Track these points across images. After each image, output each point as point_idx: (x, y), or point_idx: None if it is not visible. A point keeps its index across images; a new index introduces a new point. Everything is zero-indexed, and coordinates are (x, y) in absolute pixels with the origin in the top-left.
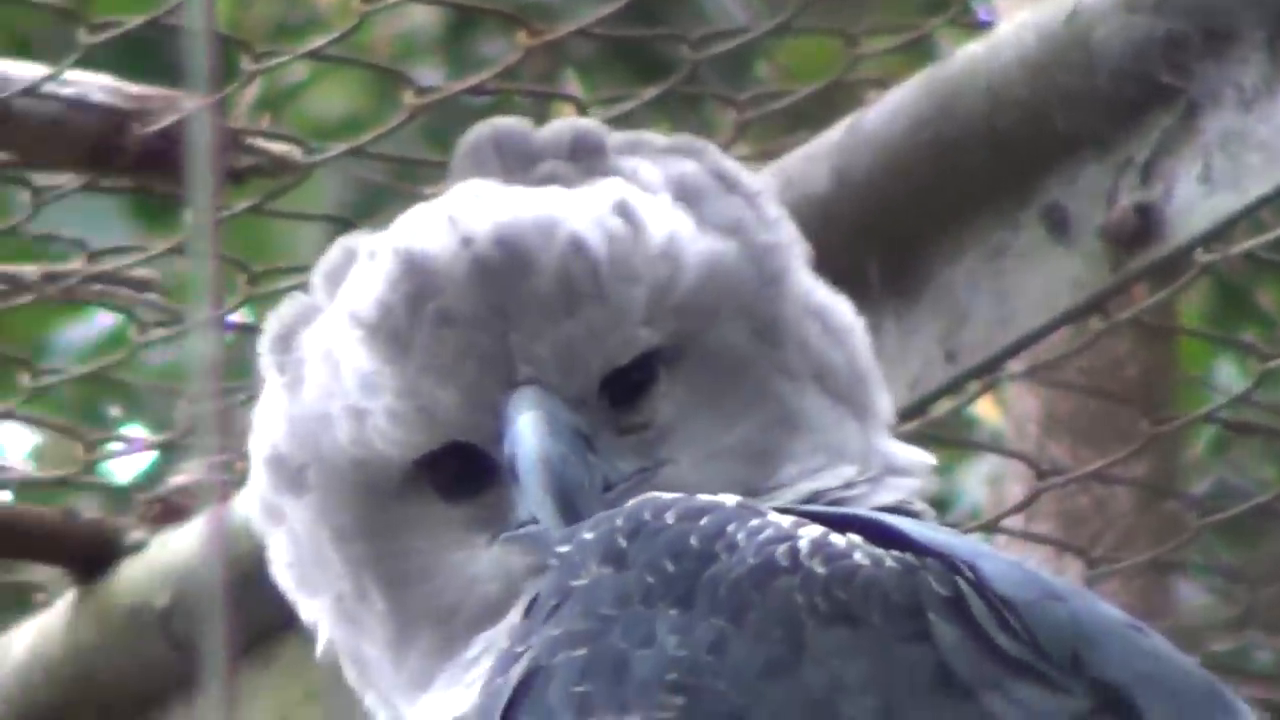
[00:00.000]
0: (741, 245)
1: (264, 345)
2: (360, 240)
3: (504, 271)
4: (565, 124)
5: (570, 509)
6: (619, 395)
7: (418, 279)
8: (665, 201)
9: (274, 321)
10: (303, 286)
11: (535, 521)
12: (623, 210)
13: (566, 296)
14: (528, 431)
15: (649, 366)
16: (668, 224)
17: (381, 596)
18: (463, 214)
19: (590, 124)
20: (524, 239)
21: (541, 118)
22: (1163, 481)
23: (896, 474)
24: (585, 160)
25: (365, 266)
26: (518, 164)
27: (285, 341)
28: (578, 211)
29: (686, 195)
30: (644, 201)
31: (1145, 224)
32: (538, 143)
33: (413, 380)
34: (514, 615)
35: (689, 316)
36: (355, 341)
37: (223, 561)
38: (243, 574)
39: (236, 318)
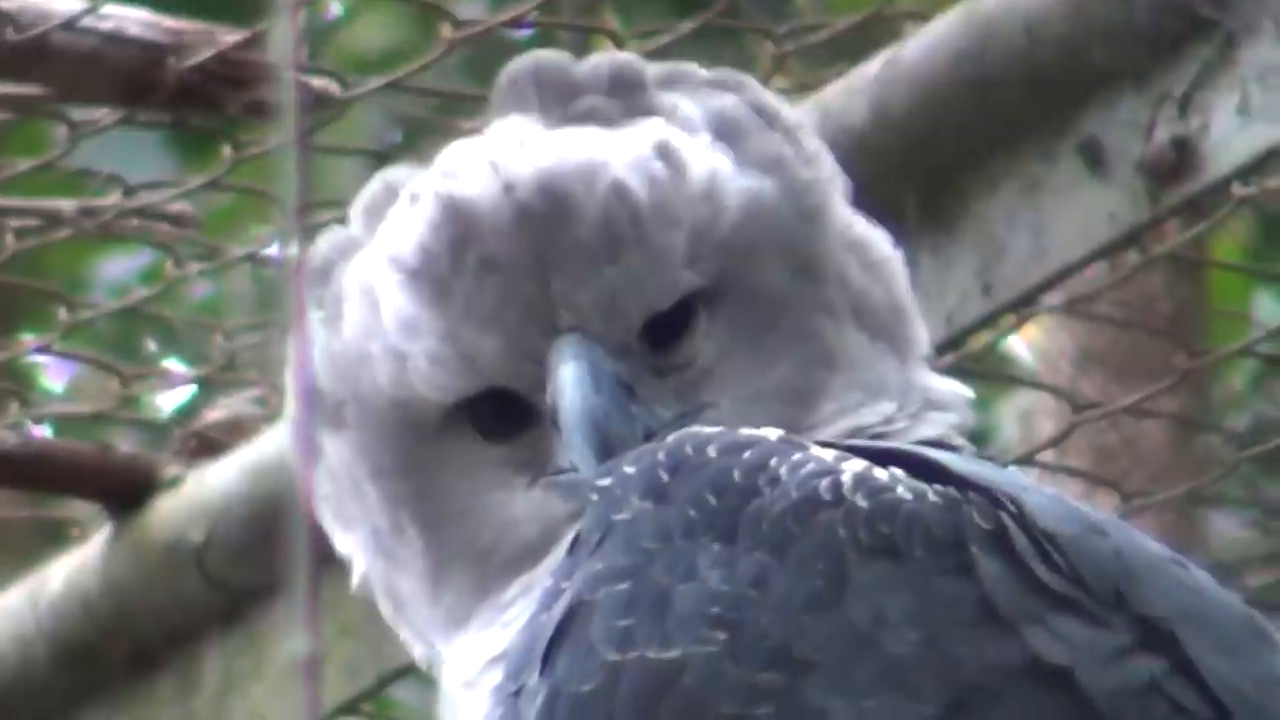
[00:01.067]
0: (781, 182)
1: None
2: (400, 175)
3: (547, 218)
4: (604, 58)
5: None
6: (659, 338)
7: (460, 225)
8: (705, 140)
9: (314, 254)
10: (342, 220)
11: (576, 469)
12: (664, 152)
13: (609, 243)
14: (571, 383)
15: (689, 308)
16: (708, 164)
17: (418, 534)
18: (505, 159)
19: (629, 58)
20: (566, 185)
21: (581, 51)
22: (1196, 417)
23: (935, 409)
24: (625, 95)
25: (407, 209)
26: (557, 99)
27: (324, 275)
28: (619, 155)
29: (726, 132)
30: (685, 142)
31: (1182, 157)
32: (577, 77)
33: (454, 326)
34: (556, 555)
35: (730, 256)
36: (395, 285)
37: (306, 477)
38: (280, 509)
39: (273, 252)
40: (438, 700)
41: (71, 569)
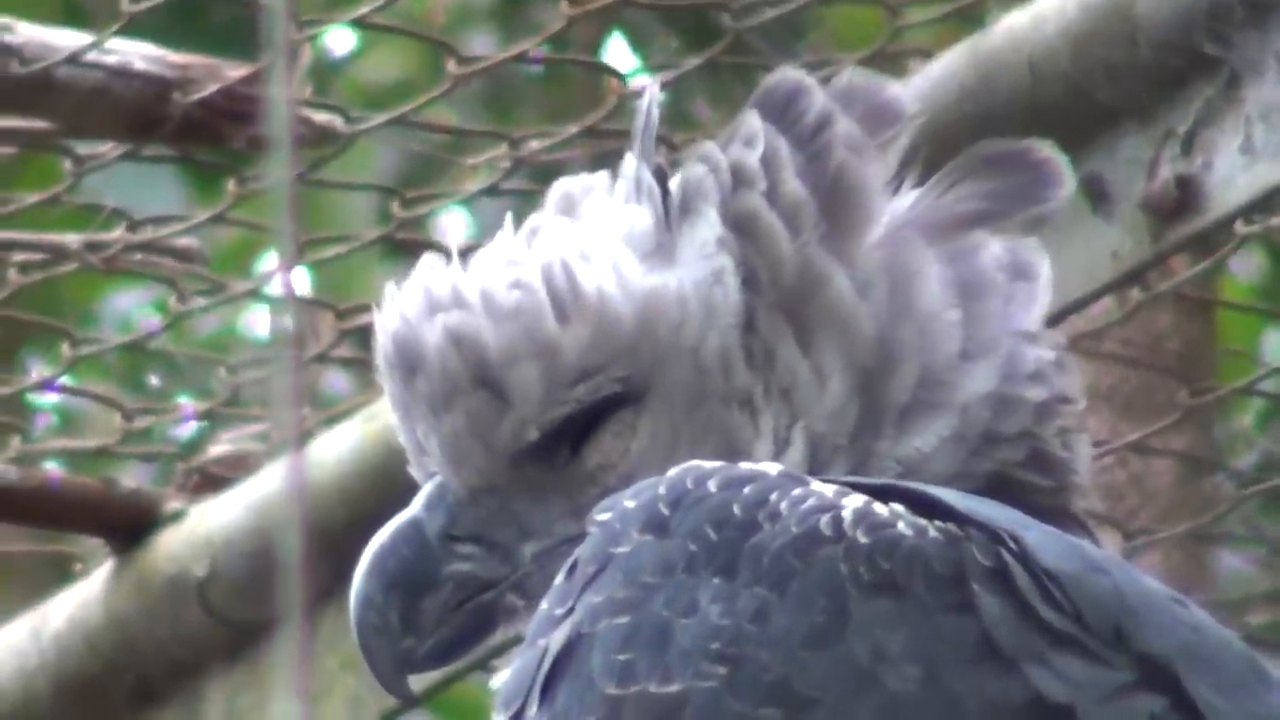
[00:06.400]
0: (728, 263)
1: None
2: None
3: (399, 369)
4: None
5: (369, 655)
6: (569, 447)
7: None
8: (613, 245)
9: None
10: (348, 256)
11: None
12: (549, 277)
13: (446, 392)
14: (361, 563)
15: (596, 415)
16: (597, 279)
17: None
18: (396, 303)
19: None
20: (414, 336)
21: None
22: (1204, 455)
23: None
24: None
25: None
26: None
27: None
28: (473, 296)
29: (685, 206)
30: (579, 257)
31: (1186, 195)
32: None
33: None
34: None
35: (637, 359)
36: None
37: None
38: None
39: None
40: None
41: (74, 603)
